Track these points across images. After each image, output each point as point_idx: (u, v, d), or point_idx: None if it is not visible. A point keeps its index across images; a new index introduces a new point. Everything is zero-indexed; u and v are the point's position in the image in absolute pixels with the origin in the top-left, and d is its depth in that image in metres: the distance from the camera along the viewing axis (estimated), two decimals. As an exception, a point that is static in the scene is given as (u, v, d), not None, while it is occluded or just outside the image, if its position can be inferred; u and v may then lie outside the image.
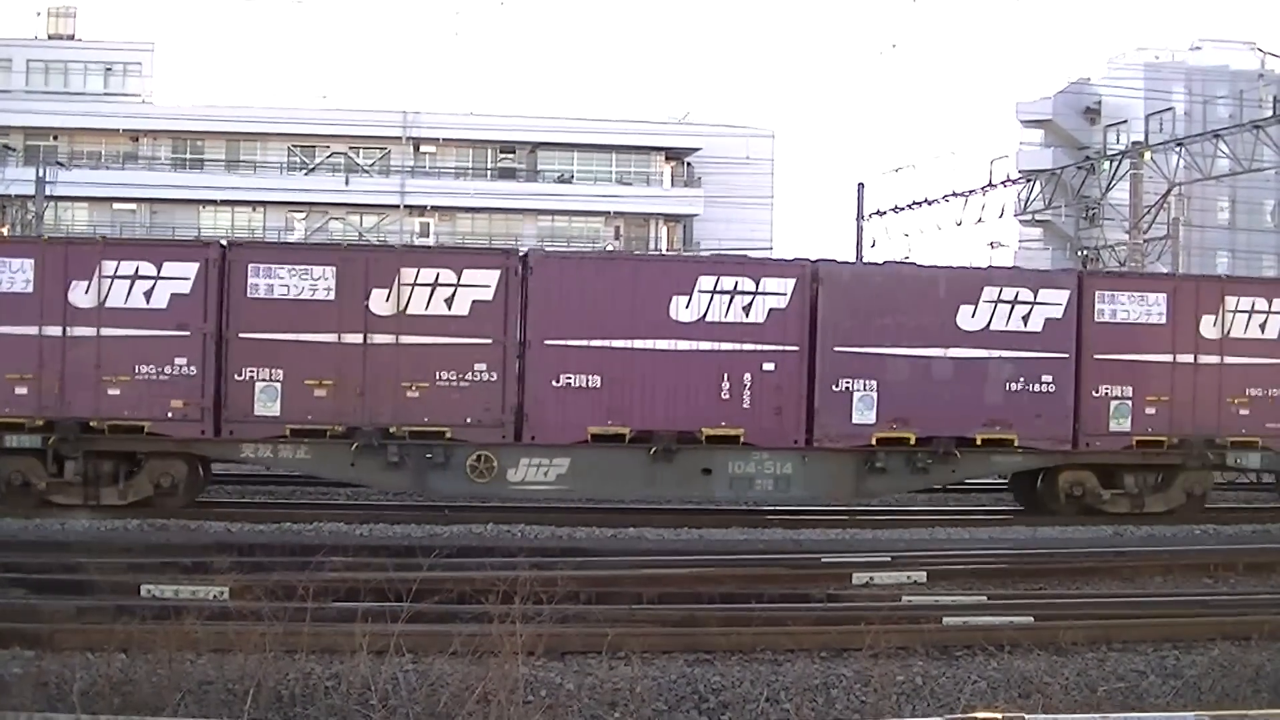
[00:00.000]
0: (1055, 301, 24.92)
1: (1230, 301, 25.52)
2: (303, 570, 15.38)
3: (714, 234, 69.19)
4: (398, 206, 74.61)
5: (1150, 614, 15.72)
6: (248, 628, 11.62)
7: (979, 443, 24.65)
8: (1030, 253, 74.18)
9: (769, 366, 23.97)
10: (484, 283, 23.33)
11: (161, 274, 22.76)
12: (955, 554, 20.50)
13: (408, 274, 23.20)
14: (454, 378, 23.13)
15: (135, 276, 22.69)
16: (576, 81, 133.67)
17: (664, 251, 71.47)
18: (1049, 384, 24.78)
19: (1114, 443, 25.16)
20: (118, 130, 74.61)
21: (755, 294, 23.91)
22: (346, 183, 74.78)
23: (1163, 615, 15.62)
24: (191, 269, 22.86)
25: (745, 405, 23.89)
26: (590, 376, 23.50)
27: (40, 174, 56.40)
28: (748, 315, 23.85)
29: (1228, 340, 25.43)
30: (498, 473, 23.47)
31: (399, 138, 75.58)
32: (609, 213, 75.94)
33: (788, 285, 24.07)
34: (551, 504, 24.47)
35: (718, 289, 23.81)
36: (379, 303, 23.15)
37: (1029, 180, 54.65)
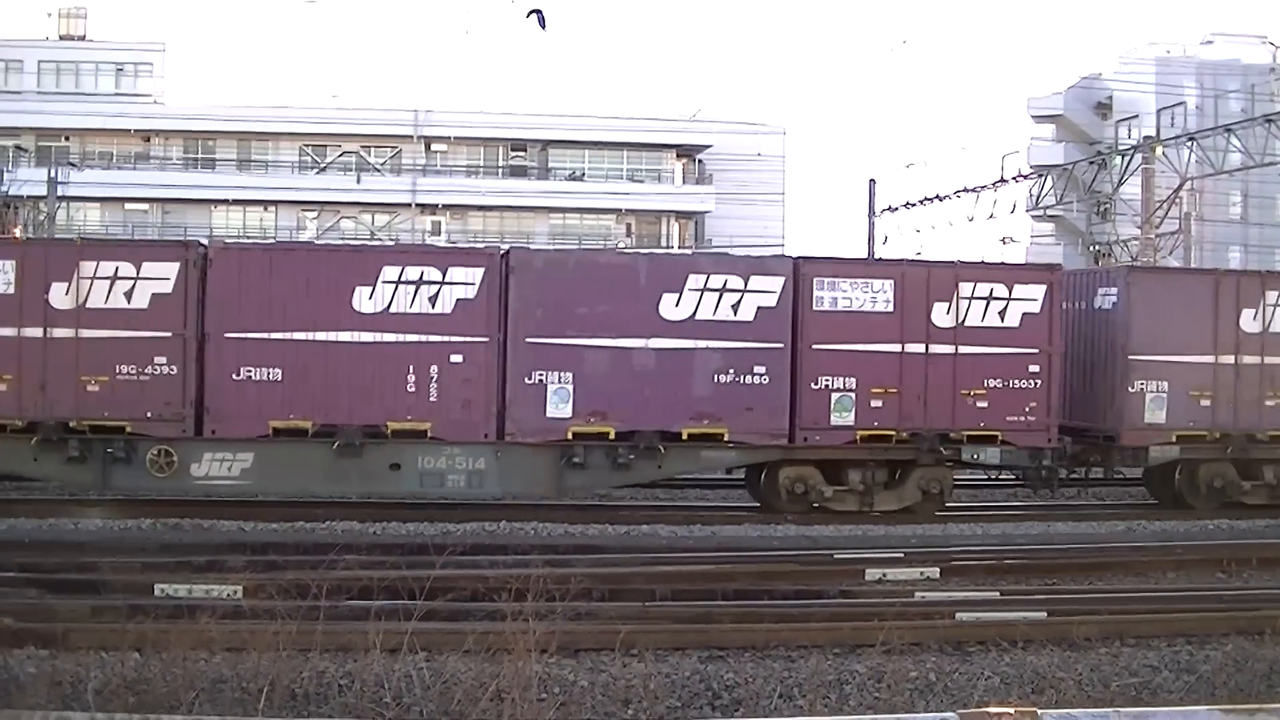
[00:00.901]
0: (768, 289, 23.79)
1: (966, 288, 24.31)
2: (316, 569, 15.40)
3: (725, 231, 69.14)
4: (409, 205, 74.58)
5: (1163, 609, 15.75)
6: (261, 626, 11.65)
7: (685, 437, 23.74)
8: (1042, 248, 74.10)
9: (457, 358, 23.19)
10: (163, 275, 22.74)
11: None
12: (968, 549, 20.54)
13: (87, 267, 22.56)
14: (134, 371, 22.58)
15: None
16: (587, 79, 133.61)
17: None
18: (762, 375, 23.70)
19: (836, 437, 24.03)
20: (129, 130, 74.65)
21: (442, 284, 23.17)
22: (358, 181, 74.75)
23: (1176, 610, 15.65)
24: None
25: (433, 398, 23.17)
26: (272, 369, 22.91)
27: (52, 175, 56.49)
28: (434, 306, 23.11)
29: (963, 329, 24.21)
30: (179, 467, 22.85)
31: (410, 136, 75.58)
32: (620, 210, 75.90)
33: (475, 274, 23.27)
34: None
35: (402, 279, 23.11)
36: (59, 296, 22.55)
37: (1040, 175, 54.60)
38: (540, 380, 23.30)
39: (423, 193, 74.46)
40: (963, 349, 24.20)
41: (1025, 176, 55.20)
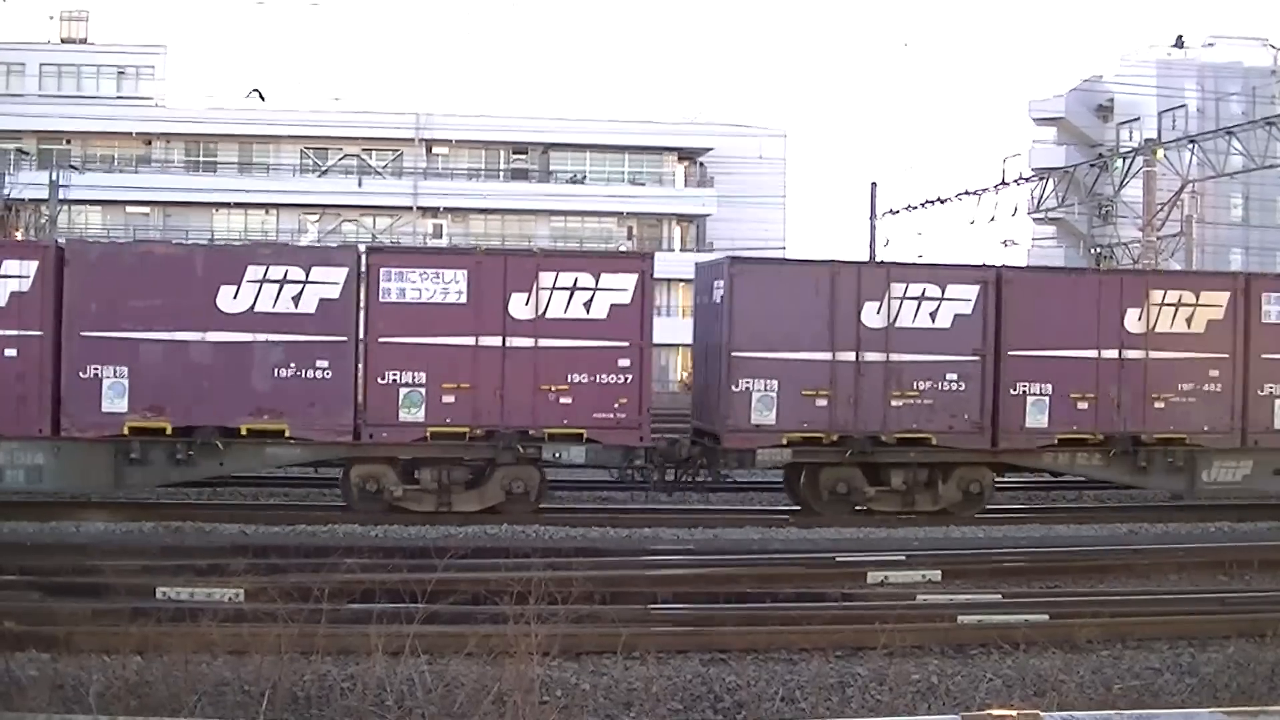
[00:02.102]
0: (331, 280, 22.87)
1: (546, 278, 23.16)
2: (318, 572, 15.41)
3: (727, 234, 69.18)
4: (410, 208, 74.71)
5: (1166, 611, 15.73)
6: (263, 629, 11.65)
7: (245, 433, 22.87)
8: (1044, 251, 74.19)
9: (11, 353, 22.49)
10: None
11: None
12: (970, 552, 20.51)
13: None
14: None
15: None
16: (588, 82, 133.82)
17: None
18: (325, 370, 22.79)
19: (405, 434, 23.06)
20: (130, 133, 74.79)
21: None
22: (359, 185, 74.91)
23: (1178, 613, 15.63)
24: None
25: None
26: None
27: (53, 177, 56.55)
28: None
29: (544, 321, 23.11)
30: None
31: (411, 139, 75.71)
32: (622, 213, 76.03)
33: (29, 268, 22.56)
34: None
35: None
36: None
37: (1042, 178, 54.69)
38: (95, 374, 22.47)
39: (424, 196, 74.62)
40: (544, 342, 23.14)
41: (1026, 179, 55.28)
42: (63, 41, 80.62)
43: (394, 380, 22.92)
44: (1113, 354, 24.79)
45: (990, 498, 25.20)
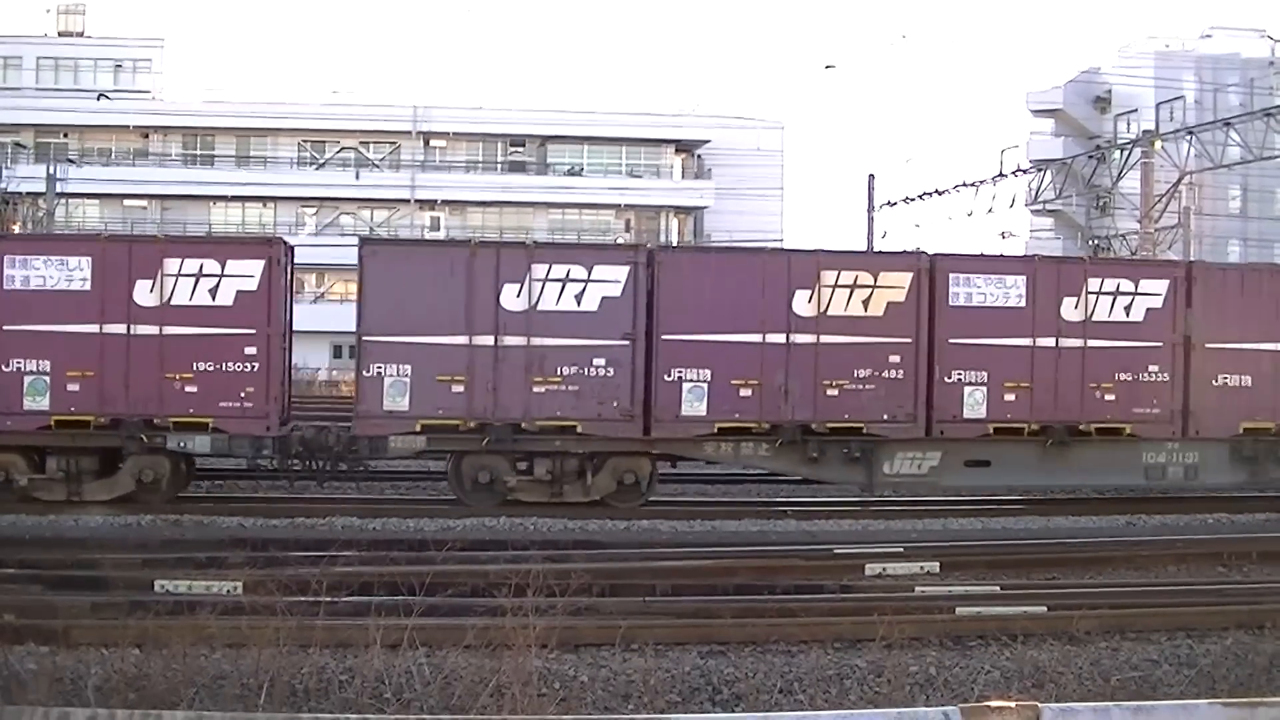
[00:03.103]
0: None
1: (172, 265, 22.71)
2: (316, 565, 15.40)
3: (724, 226, 69.21)
4: (408, 201, 74.70)
5: (1164, 603, 15.74)
6: (262, 622, 11.64)
7: None
8: (1041, 242, 74.11)
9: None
10: None
11: None
12: (968, 544, 20.51)
13: None
14: None
15: None
16: (586, 74, 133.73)
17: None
18: None
19: (29, 422, 22.68)
20: (128, 127, 74.75)
21: None
22: (357, 177, 74.90)
23: (1176, 604, 15.64)
24: None
25: None
26: None
27: (51, 171, 56.52)
28: None
29: (169, 309, 22.69)
30: None
31: (409, 132, 75.68)
32: (619, 205, 76.00)
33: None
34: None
35: None
36: None
37: (1040, 170, 54.72)
38: None
39: (421, 188, 74.60)
40: (168, 329, 22.70)
41: (1025, 171, 55.29)
42: (60, 35, 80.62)
43: (18, 369, 22.57)
44: (779, 338, 23.73)
45: (653, 489, 24.44)
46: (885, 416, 24.07)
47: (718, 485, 27.67)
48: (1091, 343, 24.70)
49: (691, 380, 23.60)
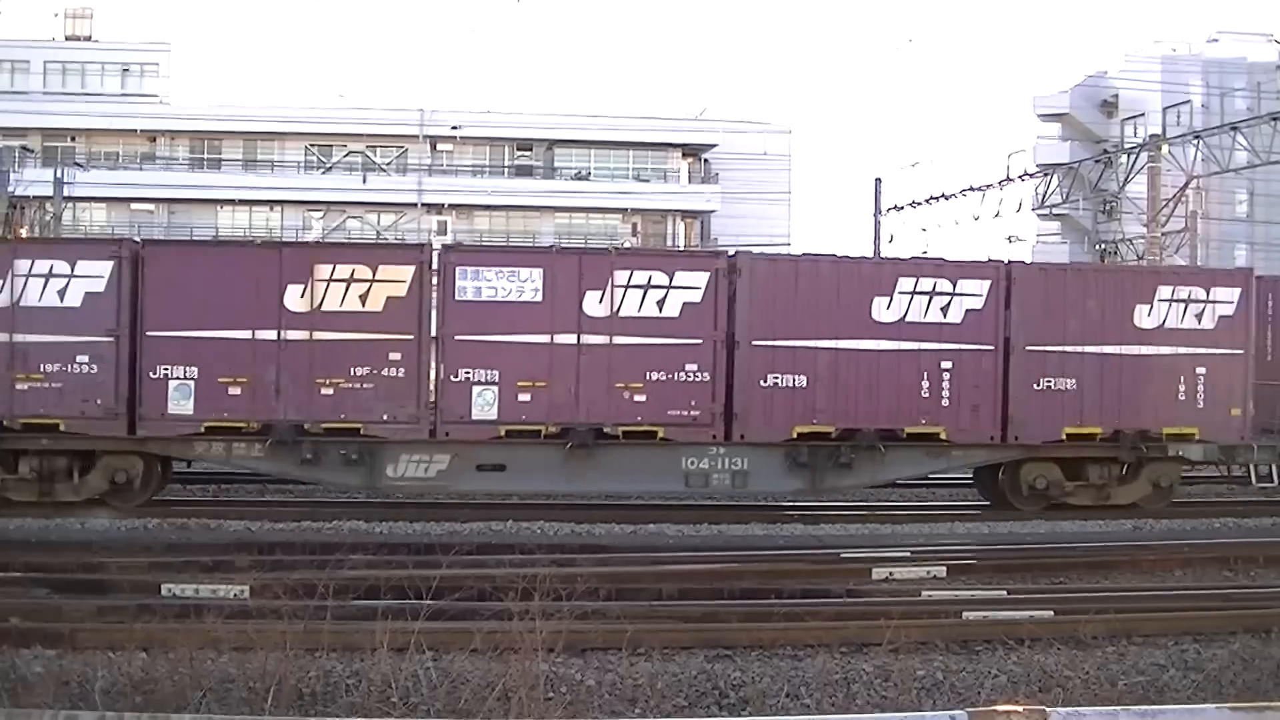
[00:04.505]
0: None
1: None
2: (323, 568, 15.41)
3: (731, 230, 69.16)
4: (415, 205, 74.70)
5: (1171, 607, 15.72)
6: (268, 626, 11.65)
7: None
8: (1048, 247, 74.10)
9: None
10: None
11: None
12: (975, 548, 20.49)
13: None
14: None
15: None
16: (593, 78, 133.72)
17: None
18: None
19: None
20: (135, 131, 74.81)
21: None
22: (364, 181, 74.89)
23: (1183, 609, 15.62)
24: None
25: None
26: None
27: (58, 175, 56.55)
28: None
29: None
30: None
31: (416, 136, 75.68)
32: (626, 209, 75.99)
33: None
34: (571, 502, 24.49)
35: None
36: None
37: (1046, 174, 54.67)
38: None
39: (428, 192, 74.60)
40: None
41: (1031, 175, 55.28)
42: (67, 39, 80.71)
43: None
44: (270, 335, 22.85)
45: (156, 489, 23.81)
46: (385, 417, 23.09)
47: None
48: (619, 340, 23.38)
49: (178, 378, 22.81)
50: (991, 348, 24.39)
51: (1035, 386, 24.49)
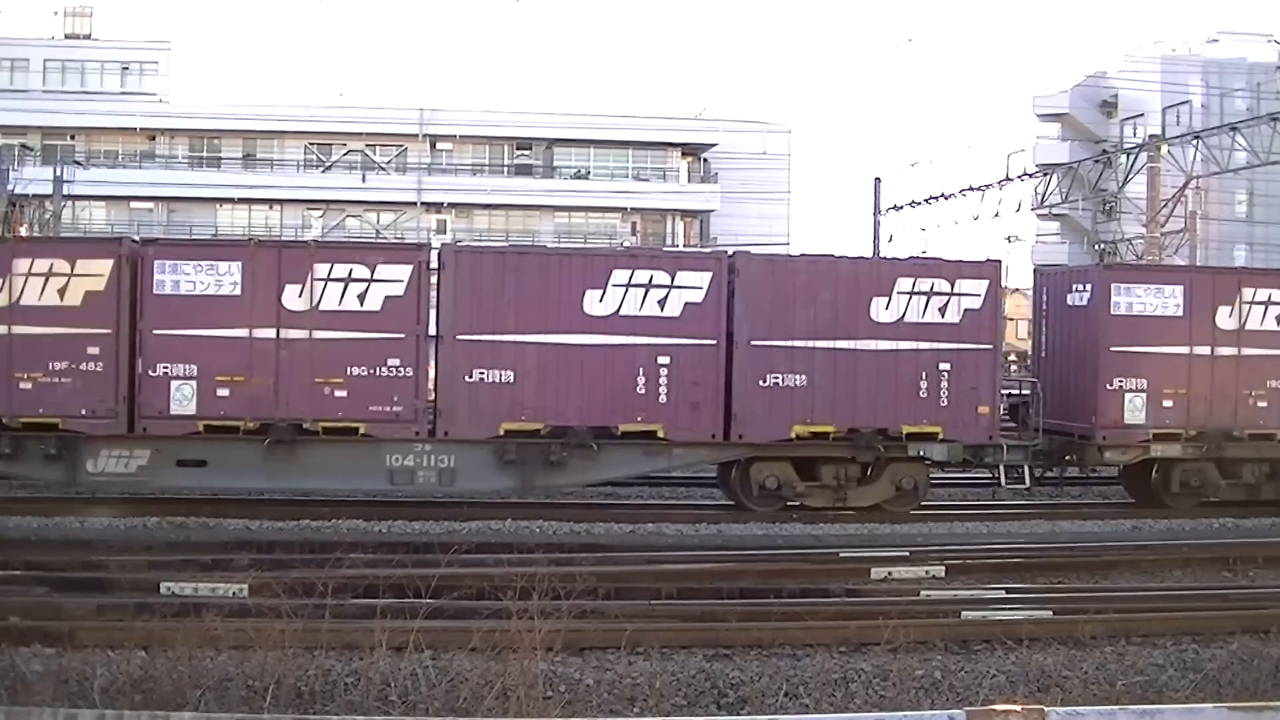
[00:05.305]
0: None
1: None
2: (322, 567, 15.43)
3: (731, 229, 69.13)
4: (415, 204, 74.65)
5: (1169, 607, 15.74)
6: (267, 624, 11.65)
7: None
8: (1048, 247, 74.11)
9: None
10: None
11: None
12: (974, 548, 20.52)
13: None
14: None
15: None
16: (593, 78, 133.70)
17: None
18: None
19: None
20: (135, 129, 74.72)
21: None
22: (363, 180, 74.83)
23: (1182, 609, 15.64)
24: None
25: None
26: None
27: (58, 173, 56.54)
28: None
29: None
30: None
31: (415, 135, 75.62)
32: (626, 209, 75.94)
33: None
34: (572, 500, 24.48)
35: None
36: None
37: (1046, 174, 54.65)
38: None
39: (428, 191, 74.54)
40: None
41: (1030, 175, 55.26)
42: (66, 37, 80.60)
43: None
44: None
45: None
46: (84, 411, 22.65)
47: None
48: (319, 334, 23.05)
49: None
50: (714, 342, 23.72)
51: (762, 383, 23.78)
